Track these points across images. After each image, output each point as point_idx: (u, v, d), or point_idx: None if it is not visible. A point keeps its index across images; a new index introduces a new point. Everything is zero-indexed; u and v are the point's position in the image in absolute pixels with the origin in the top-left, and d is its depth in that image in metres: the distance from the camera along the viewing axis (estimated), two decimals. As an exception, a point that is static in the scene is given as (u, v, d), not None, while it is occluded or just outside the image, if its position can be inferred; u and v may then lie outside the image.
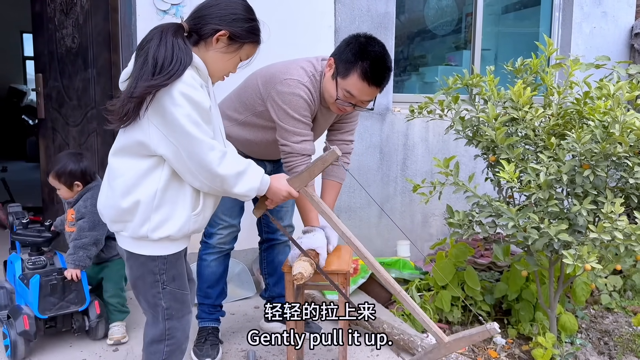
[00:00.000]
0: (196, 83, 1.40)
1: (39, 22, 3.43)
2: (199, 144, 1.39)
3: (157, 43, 1.38)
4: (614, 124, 2.09)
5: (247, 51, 1.53)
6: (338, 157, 1.61)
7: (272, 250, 2.43)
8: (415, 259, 3.63)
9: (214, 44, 1.47)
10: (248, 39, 1.50)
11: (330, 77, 1.87)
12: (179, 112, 1.36)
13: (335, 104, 1.91)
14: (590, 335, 2.92)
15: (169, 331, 1.57)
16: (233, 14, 1.47)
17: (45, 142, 3.55)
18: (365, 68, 1.79)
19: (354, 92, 1.84)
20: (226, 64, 1.52)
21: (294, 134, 1.90)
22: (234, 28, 1.47)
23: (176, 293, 1.56)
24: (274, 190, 1.61)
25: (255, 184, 1.53)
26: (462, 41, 4.19)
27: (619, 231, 2.02)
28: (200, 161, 1.41)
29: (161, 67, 1.35)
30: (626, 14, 4.25)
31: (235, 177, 1.48)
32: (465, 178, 2.52)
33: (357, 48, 1.80)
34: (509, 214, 2.18)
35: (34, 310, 2.19)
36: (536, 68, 2.50)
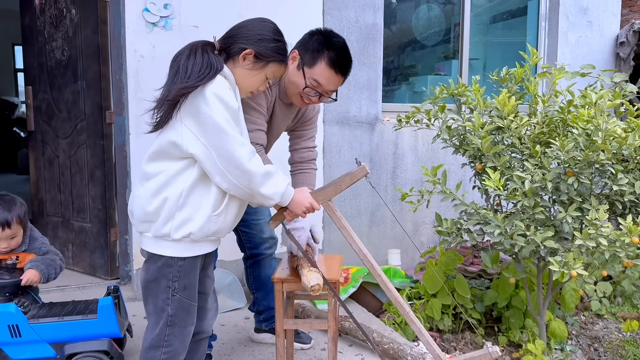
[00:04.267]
0: (227, 86, 1.50)
1: (29, 35, 3.44)
2: (230, 140, 1.47)
3: (187, 54, 1.50)
4: (596, 131, 2.12)
5: (273, 69, 1.61)
6: (368, 174, 1.66)
7: (257, 265, 2.40)
8: (406, 267, 3.64)
9: (241, 61, 1.58)
10: (272, 57, 1.59)
11: (295, 68, 1.88)
12: (211, 110, 1.45)
13: (300, 95, 1.91)
14: (581, 341, 2.93)
15: (168, 338, 1.59)
16: (259, 34, 1.58)
17: (35, 154, 3.54)
18: (332, 57, 1.83)
19: (322, 81, 1.86)
20: (252, 81, 1.61)
21: (248, 122, 1.83)
22: (259, 47, 1.57)
23: (184, 302, 1.59)
24: (297, 201, 1.65)
25: (281, 188, 1.58)
26: (451, 51, 4.24)
27: (604, 237, 2.05)
28: (231, 157, 1.47)
29: (191, 72, 1.46)
30: (611, 24, 4.32)
31: (263, 177, 1.53)
32: (454, 186, 2.54)
33: (322, 38, 1.85)
34: (496, 221, 2.20)
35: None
36: (520, 77, 2.53)
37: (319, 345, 2.50)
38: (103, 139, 3.09)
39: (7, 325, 1.95)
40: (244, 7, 3.01)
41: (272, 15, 2.22)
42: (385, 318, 2.87)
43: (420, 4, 4.19)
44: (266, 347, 2.47)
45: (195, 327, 1.69)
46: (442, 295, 2.86)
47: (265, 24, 1.62)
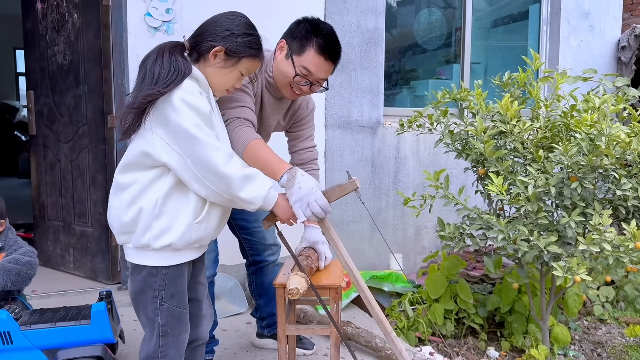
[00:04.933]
0: (196, 90, 1.44)
1: (31, 39, 3.44)
2: (203, 146, 1.41)
3: (154, 58, 1.44)
4: (600, 136, 2.11)
5: (247, 65, 1.55)
6: (357, 188, 1.61)
7: (260, 272, 2.37)
8: (408, 271, 3.63)
9: (212, 59, 1.51)
10: (244, 53, 1.52)
11: (284, 57, 1.84)
12: (180, 118, 1.40)
13: (290, 86, 1.85)
14: (584, 346, 2.92)
15: (162, 348, 1.56)
16: (228, 30, 1.51)
17: (36, 158, 3.54)
18: (321, 43, 1.78)
19: (312, 68, 1.81)
20: (226, 79, 1.55)
21: (232, 100, 1.78)
22: (228, 43, 1.50)
23: (174, 311, 1.55)
24: (281, 206, 1.57)
25: (262, 191, 1.51)
26: (452, 55, 4.24)
27: (608, 242, 2.04)
28: (206, 163, 1.42)
29: (158, 77, 1.41)
30: (612, 28, 4.32)
31: (242, 180, 1.47)
32: (456, 191, 2.53)
33: (310, 26, 1.80)
34: (499, 226, 2.19)
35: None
36: (523, 82, 2.53)
37: (321, 350, 2.49)
38: (105, 143, 3.09)
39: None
40: (244, 10, 3.00)
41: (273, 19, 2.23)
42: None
43: (422, 8, 4.20)
44: (268, 352, 2.46)
45: (191, 335, 1.66)
46: (445, 300, 2.85)
47: (234, 17, 1.56)
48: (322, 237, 1.96)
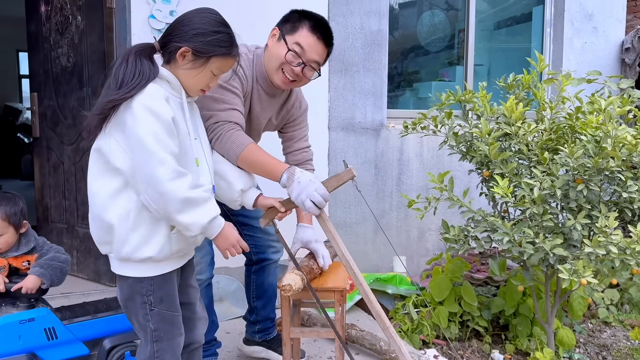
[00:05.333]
0: (159, 95, 1.40)
1: (34, 42, 3.45)
2: (150, 156, 1.35)
3: (119, 62, 1.42)
4: (606, 138, 2.11)
5: (218, 64, 1.49)
6: (354, 177, 1.60)
7: (262, 272, 2.32)
8: (411, 274, 3.62)
9: (180, 60, 1.46)
10: (213, 52, 1.46)
11: (276, 41, 1.85)
12: (137, 124, 1.36)
13: (281, 70, 1.84)
14: (589, 349, 2.91)
15: (158, 353, 1.54)
16: (194, 29, 1.45)
17: (39, 160, 3.54)
18: (312, 24, 1.82)
19: (304, 45, 1.81)
20: (196, 80, 1.49)
21: (221, 101, 1.77)
22: (194, 43, 1.44)
23: (165, 315, 1.53)
24: (224, 236, 1.50)
25: (202, 220, 1.42)
26: (455, 57, 4.24)
27: (614, 245, 2.03)
28: (148, 175, 1.36)
29: (121, 82, 1.38)
30: (616, 29, 4.31)
31: (182, 202, 1.38)
32: (460, 193, 2.52)
33: (301, 12, 1.86)
34: (504, 228, 2.18)
35: None
36: (528, 84, 2.52)
37: (325, 353, 2.48)
38: (108, 146, 3.09)
39: (44, 329, 1.94)
40: (251, 14, 3.01)
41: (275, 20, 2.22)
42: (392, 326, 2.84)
43: (425, 10, 4.19)
44: (272, 355, 2.45)
45: (187, 338, 1.65)
46: (449, 302, 2.84)
47: (201, 15, 1.49)
48: (315, 236, 1.95)
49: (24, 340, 1.87)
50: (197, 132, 1.58)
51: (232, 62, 1.53)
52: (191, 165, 1.49)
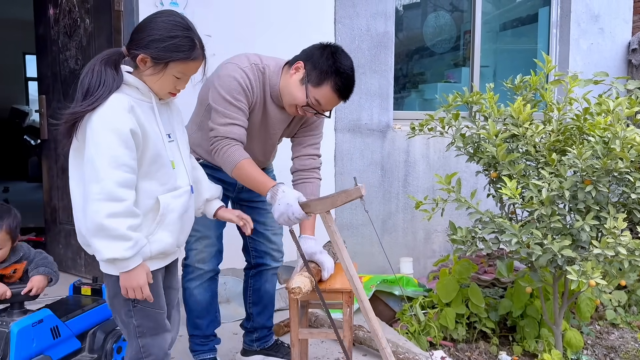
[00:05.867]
0: (120, 107, 1.41)
1: (43, 45, 3.47)
2: (93, 172, 1.38)
3: (86, 72, 1.43)
4: (614, 139, 2.10)
5: (179, 68, 1.48)
6: (362, 196, 1.61)
7: (259, 277, 2.31)
8: (418, 275, 3.62)
9: (142, 67, 1.47)
10: (169, 58, 1.45)
11: (299, 81, 1.85)
12: (92, 138, 1.39)
13: (295, 106, 1.89)
14: (596, 351, 2.90)
15: (144, 348, 1.57)
16: (149, 35, 1.44)
17: (48, 162, 3.56)
18: (338, 83, 1.82)
19: (323, 102, 1.85)
20: (160, 85, 1.49)
21: (223, 116, 1.82)
22: (150, 50, 1.44)
23: (148, 311, 1.55)
24: (131, 276, 1.45)
25: (114, 254, 1.39)
26: (461, 58, 4.24)
27: (623, 246, 2.03)
28: (87, 188, 1.39)
29: (85, 93, 1.40)
30: (622, 30, 4.30)
31: (96, 226, 1.38)
32: (467, 194, 2.52)
33: (332, 60, 1.81)
34: (512, 230, 2.18)
35: None
36: (535, 85, 2.52)
37: (333, 354, 2.48)
38: (116, 148, 3.11)
39: (50, 329, 1.95)
40: (256, 16, 3.02)
41: (284, 24, 2.23)
42: (399, 327, 2.84)
43: (430, 12, 4.20)
44: (280, 356, 2.45)
45: None
46: (456, 304, 2.84)
47: (158, 19, 1.47)
48: (318, 248, 1.95)
49: (37, 342, 1.89)
50: (175, 134, 1.60)
51: (196, 65, 1.51)
52: (166, 168, 1.52)
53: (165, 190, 1.52)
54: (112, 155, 1.38)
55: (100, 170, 1.37)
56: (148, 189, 1.49)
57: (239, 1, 3.00)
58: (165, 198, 1.51)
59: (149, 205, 1.49)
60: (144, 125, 1.45)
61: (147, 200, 1.49)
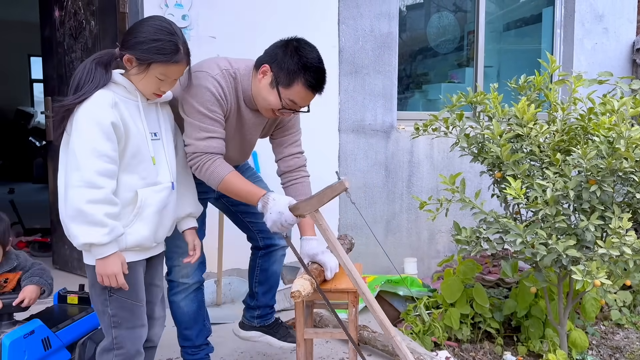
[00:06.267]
0: (104, 101, 1.50)
1: (49, 47, 3.49)
2: (74, 160, 1.46)
3: (79, 69, 1.55)
4: (619, 139, 2.10)
5: (161, 70, 1.56)
6: (347, 189, 1.62)
7: (269, 257, 2.25)
8: (422, 276, 3.62)
9: (129, 67, 1.57)
10: (151, 59, 1.54)
11: (269, 85, 1.81)
12: (77, 129, 1.48)
13: (272, 110, 1.85)
14: (602, 351, 2.89)
15: (117, 340, 1.60)
16: (135, 37, 1.55)
17: (53, 164, 3.58)
18: (310, 79, 1.78)
19: (298, 100, 1.82)
20: (144, 85, 1.58)
21: (199, 129, 1.78)
22: (134, 51, 1.54)
23: (124, 302, 1.59)
24: (105, 263, 1.50)
25: (91, 239, 1.45)
26: (465, 59, 4.24)
27: (628, 246, 2.02)
28: (69, 176, 1.48)
29: (75, 88, 1.52)
30: (627, 30, 4.29)
31: (76, 211, 1.45)
32: (471, 194, 2.52)
33: (297, 58, 1.78)
34: (517, 230, 2.18)
35: None
36: (540, 85, 2.52)
37: (338, 354, 2.49)
38: (121, 149, 3.12)
39: (41, 340, 1.91)
40: (261, 18, 3.04)
41: (288, 26, 2.24)
42: (403, 327, 2.85)
43: (434, 12, 4.20)
44: (285, 355, 2.46)
45: None
46: (461, 304, 2.84)
47: (145, 23, 1.58)
48: (320, 248, 1.94)
49: (29, 354, 1.84)
50: (161, 134, 1.68)
51: (179, 69, 1.60)
52: (147, 163, 1.60)
53: (145, 185, 1.59)
54: (93, 146, 1.46)
55: (81, 159, 1.45)
56: (128, 182, 1.55)
57: (243, 3, 3.01)
58: (144, 192, 1.58)
59: (128, 198, 1.56)
60: (127, 121, 1.54)
61: (126, 192, 1.55)
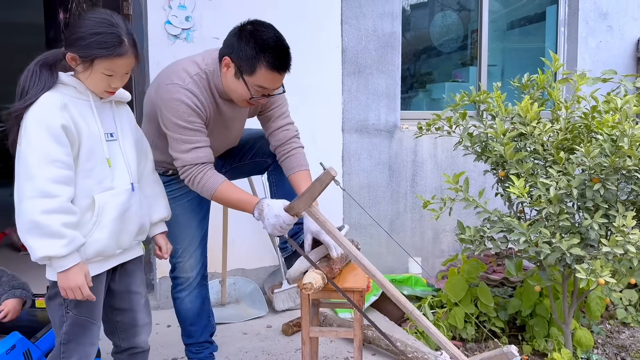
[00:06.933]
0: (52, 104, 1.43)
1: (53, 49, 3.51)
2: (24, 169, 1.38)
3: (25, 73, 1.46)
4: (622, 137, 2.10)
5: (105, 65, 1.47)
6: (334, 178, 1.60)
7: (279, 170, 2.09)
8: (426, 275, 3.62)
9: (74, 65, 1.48)
10: (92, 55, 1.45)
11: (233, 76, 1.77)
12: (25, 135, 1.40)
13: (246, 101, 1.82)
14: (607, 350, 2.88)
15: (64, 354, 1.55)
16: (74, 34, 1.47)
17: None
18: (270, 60, 1.72)
19: (266, 85, 1.77)
20: (92, 82, 1.50)
21: (182, 142, 1.77)
22: (74, 48, 1.46)
23: (77, 319, 1.54)
24: (68, 276, 1.43)
25: (41, 252, 1.38)
26: (468, 57, 4.23)
27: (632, 244, 2.02)
28: (17, 187, 1.40)
29: (21, 93, 1.44)
30: (632, 28, 4.27)
31: (30, 223, 1.37)
32: (475, 193, 2.52)
33: (253, 41, 1.72)
34: (521, 229, 2.18)
35: None
36: (543, 84, 2.52)
37: (342, 354, 2.49)
38: (126, 150, 3.14)
39: (22, 353, 1.88)
40: (264, 18, 3.03)
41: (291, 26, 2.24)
42: (408, 327, 2.85)
43: (437, 11, 4.20)
44: (289, 355, 2.47)
45: (129, 343, 1.68)
46: (465, 303, 2.84)
47: (84, 19, 1.49)
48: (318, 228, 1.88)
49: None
50: (118, 134, 1.59)
51: (125, 62, 1.49)
52: (100, 165, 1.51)
53: (102, 189, 1.51)
54: (44, 152, 1.38)
55: (33, 167, 1.37)
56: (84, 188, 1.48)
57: (246, 4, 3.02)
58: (101, 197, 1.50)
59: (86, 205, 1.48)
60: (78, 122, 1.46)
61: (83, 199, 1.47)
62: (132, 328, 1.69)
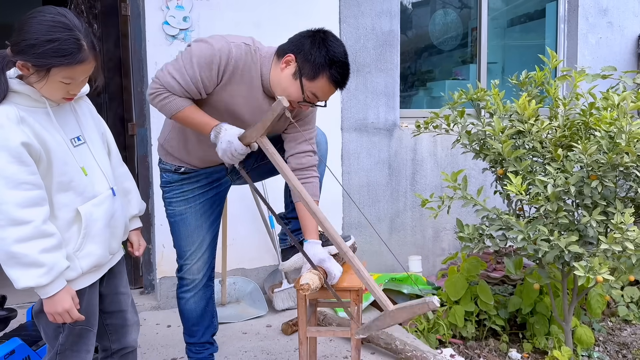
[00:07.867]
0: (8, 121, 1.28)
1: None
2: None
3: None
4: (620, 134, 2.09)
5: (64, 74, 1.31)
6: (284, 108, 1.60)
7: None
8: (427, 274, 3.62)
9: (25, 74, 1.32)
10: (50, 64, 1.28)
11: (291, 75, 1.74)
12: None
13: (290, 102, 1.76)
14: (608, 348, 2.88)
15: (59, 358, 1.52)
16: (25, 39, 1.28)
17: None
18: (335, 75, 1.73)
19: (320, 95, 1.77)
20: (48, 91, 1.34)
21: (176, 70, 1.70)
22: (28, 57, 1.28)
23: (74, 330, 1.50)
24: (55, 301, 1.36)
25: (23, 282, 1.30)
26: (468, 55, 4.22)
27: (630, 241, 2.01)
28: None
29: None
30: (632, 24, 4.25)
31: (6, 255, 1.28)
32: (474, 191, 2.52)
33: (325, 50, 1.71)
34: (519, 226, 2.18)
35: None
36: (540, 81, 2.51)
37: (341, 353, 2.49)
38: (125, 151, 3.15)
39: (22, 359, 1.87)
40: (261, 18, 3.04)
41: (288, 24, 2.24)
42: (408, 325, 2.85)
43: (437, 9, 4.19)
44: (289, 354, 2.47)
45: (119, 344, 1.66)
46: (465, 302, 2.84)
47: (34, 20, 1.29)
48: (325, 255, 1.88)
49: None
50: (84, 136, 1.48)
51: (85, 68, 1.34)
52: (77, 175, 1.41)
53: (84, 200, 1.42)
54: (6, 176, 1.26)
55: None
56: (66, 202, 1.39)
57: (244, 4, 3.02)
58: (85, 208, 1.42)
59: (70, 218, 1.40)
60: (41, 135, 1.33)
61: (67, 214, 1.39)
62: (122, 328, 1.68)
